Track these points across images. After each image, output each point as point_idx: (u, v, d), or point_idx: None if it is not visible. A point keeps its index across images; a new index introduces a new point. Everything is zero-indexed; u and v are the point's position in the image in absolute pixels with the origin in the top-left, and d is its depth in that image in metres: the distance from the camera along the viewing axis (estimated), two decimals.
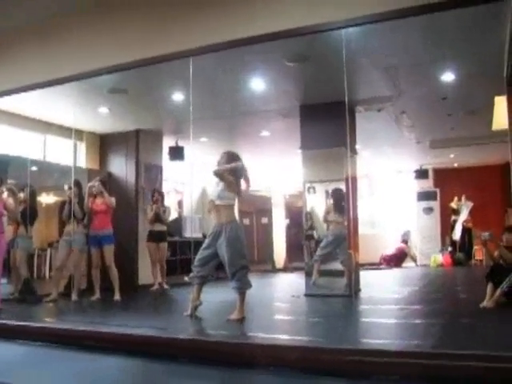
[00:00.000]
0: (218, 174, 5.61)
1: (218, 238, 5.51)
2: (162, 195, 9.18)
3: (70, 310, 7.15)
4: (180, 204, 12.07)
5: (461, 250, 13.41)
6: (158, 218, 8.94)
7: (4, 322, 5.45)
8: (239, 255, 5.47)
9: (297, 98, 7.79)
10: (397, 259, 13.84)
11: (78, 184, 7.74)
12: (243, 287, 5.48)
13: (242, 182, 5.74)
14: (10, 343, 4.95)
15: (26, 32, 6.06)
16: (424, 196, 14.55)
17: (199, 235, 11.44)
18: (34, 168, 8.35)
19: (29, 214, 7.58)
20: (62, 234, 7.80)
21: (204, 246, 5.68)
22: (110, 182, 9.25)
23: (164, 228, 9.13)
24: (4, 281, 7.47)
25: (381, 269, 13.20)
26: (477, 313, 5.70)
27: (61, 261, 7.65)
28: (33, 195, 7.78)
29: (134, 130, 9.29)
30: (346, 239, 7.63)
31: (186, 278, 6.08)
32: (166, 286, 8.99)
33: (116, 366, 4.14)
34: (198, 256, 5.67)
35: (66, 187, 7.75)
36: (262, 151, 10.97)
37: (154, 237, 8.96)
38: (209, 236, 5.67)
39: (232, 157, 5.75)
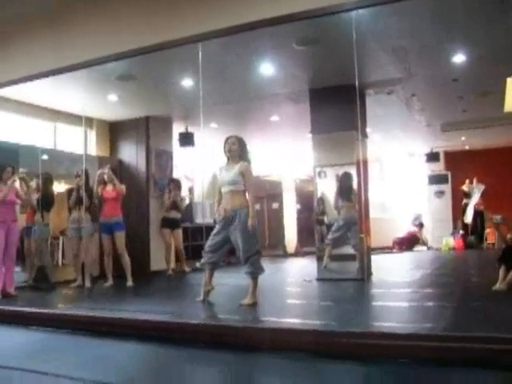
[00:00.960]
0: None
1: (230, 223, 5.52)
2: (178, 184, 9.51)
3: (83, 296, 7.21)
4: (191, 190, 12.10)
5: (473, 233, 13.37)
6: (175, 205, 9.27)
7: (19, 308, 5.53)
8: (253, 241, 5.49)
9: (306, 82, 7.74)
10: (408, 243, 13.82)
11: (85, 173, 7.76)
12: (256, 272, 5.50)
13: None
14: (25, 330, 5.02)
15: (35, 20, 6.06)
16: (435, 179, 14.48)
17: (210, 221, 11.46)
18: (45, 156, 8.38)
19: (45, 201, 7.66)
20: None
21: (215, 231, 5.69)
22: (120, 169, 9.28)
23: (178, 215, 9.42)
24: (18, 268, 7.55)
25: (392, 252, 13.19)
26: (489, 296, 5.68)
27: (75, 249, 7.75)
28: (49, 182, 7.83)
29: (144, 117, 9.29)
30: (356, 223, 7.61)
31: (198, 264, 6.11)
32: (187, 269, 9.23)
33: (129, 351, 4.19)
34: (209, 242, 5.69)
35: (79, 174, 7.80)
36: (272, 136, 10.96)
37: (169, 223, 9.22)
38: (220, 222, 5.67)
39: (244, 144, 5.73)
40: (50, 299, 6.90)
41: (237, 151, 5.65)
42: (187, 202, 11.44)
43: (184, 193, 10.74)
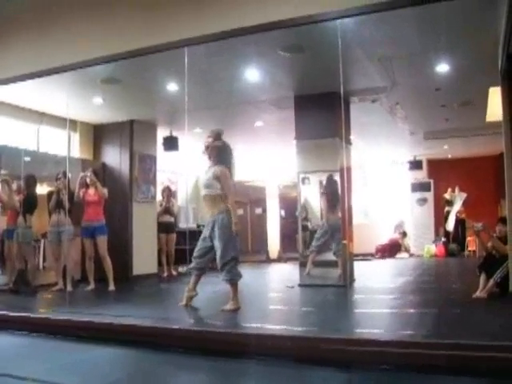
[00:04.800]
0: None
1: (212, 228, 5.53)
2: (171, 191, 10.31)
3: (64, 300, 7.14)
4: (174, 194, 12.09)
5: (454, 241, 13.49)
6: (168, 210, 10.03)
7: None
8: (230, 247, 5.48)
9: (291, 89, 7.77)
10: (390, 249, 13.90)
11: (66, 175, 7.71)
12: (233, 279, 5.49)
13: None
14: (4, 334, 4.96)
15: (20, 22, 6.01)
16: (418, 187, 14.60)
17: (193, 225, 11.52)
18: (28, 158, 8.30)
19: (29, 203, 7.60)
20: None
21: (201, 236, 5.72)
22: (104, 173, 9.23)
23: (172, 219, 10.16)
24: None
25: (375, 259, 13.25)
26: (469, 303, 5.74)
27: (56, 253, 7.68)
28: (32, 184, 7.76)
29: (128, 121, 9.24)
30: (340, 230, 7.64)
31: (184, 269, 6.11)
32: (174, 273, 9.72)
33: (110, 356, 4.17)
34: (197, 247, 5.70)
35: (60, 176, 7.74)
36: (256, 142, 10.97)
37: (164, 228, 9.91)
38: (205, 227, 5.69)
39: (223, 147, 5.75)
40: (30, 303, 6.83)
41: (214, 151, 5.66)
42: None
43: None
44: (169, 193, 10.18)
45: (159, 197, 10.15)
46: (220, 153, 5.70)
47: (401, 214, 14.71)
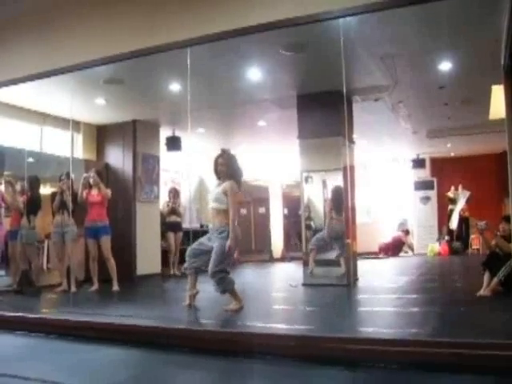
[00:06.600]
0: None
1: (211, 239, 5.61)
2: (177, 192, 10.49)
3: (68, 301, 7.16)
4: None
5: (458, 239, 13.45)
6: (174, 211, 10.25)
7: (2, 313, 5.47)
8: (221, 259, 5.48)
9: (294, 88, 7.77)
10: (394, 248, 13.87)
11: (69, 176, 7.73)
12: (225, 289, 5.51)
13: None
14: (9, 335, 4.98)
15: (22, 23, 6.02)
16: (421, 185, 14.58)
17: (197, 225, 11.54)
18: (31, 159, 8.32)
19: (33, 204, 7.63)
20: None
21: (200, 240, 5.78)
22: (107, 173, 9.24)
23: (179, 219, 10.35)
24: (2, 272, 7.48)
25: (378, 258, 13.23)
26: (473, 301, 5.73)
27: (60, 253, 7.69)
28: (36, 185, 7.78)
29: (131, 121, 9.24)
30: (342, 235, 7.62)
31: (182, 269, 6.14)
32: (177, 273, 9.74)
33: (115, 356, 4.17)
34: (191, 247, 5.75)
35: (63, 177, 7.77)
36: (259, 141, 10.97)
37: (172, 227, 10.12)
38: (207, 234, 5.76)
39: (232, 162, 5.78)
40: (34, 304, 6.85)
41: (225, 172, 5.70)
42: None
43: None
44: (175, 193, 10.38)
45: (163, 197, 10.17)
46: (229, 169, 5.73)
47: (404, 213, 14.69)
